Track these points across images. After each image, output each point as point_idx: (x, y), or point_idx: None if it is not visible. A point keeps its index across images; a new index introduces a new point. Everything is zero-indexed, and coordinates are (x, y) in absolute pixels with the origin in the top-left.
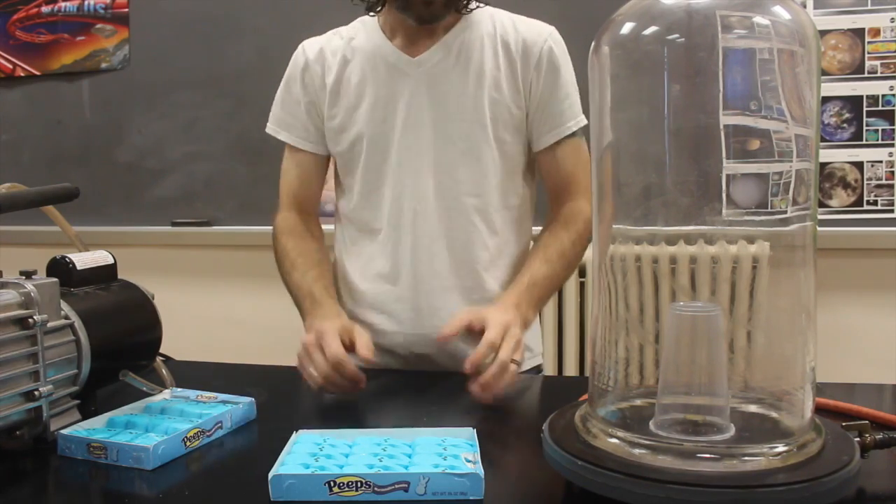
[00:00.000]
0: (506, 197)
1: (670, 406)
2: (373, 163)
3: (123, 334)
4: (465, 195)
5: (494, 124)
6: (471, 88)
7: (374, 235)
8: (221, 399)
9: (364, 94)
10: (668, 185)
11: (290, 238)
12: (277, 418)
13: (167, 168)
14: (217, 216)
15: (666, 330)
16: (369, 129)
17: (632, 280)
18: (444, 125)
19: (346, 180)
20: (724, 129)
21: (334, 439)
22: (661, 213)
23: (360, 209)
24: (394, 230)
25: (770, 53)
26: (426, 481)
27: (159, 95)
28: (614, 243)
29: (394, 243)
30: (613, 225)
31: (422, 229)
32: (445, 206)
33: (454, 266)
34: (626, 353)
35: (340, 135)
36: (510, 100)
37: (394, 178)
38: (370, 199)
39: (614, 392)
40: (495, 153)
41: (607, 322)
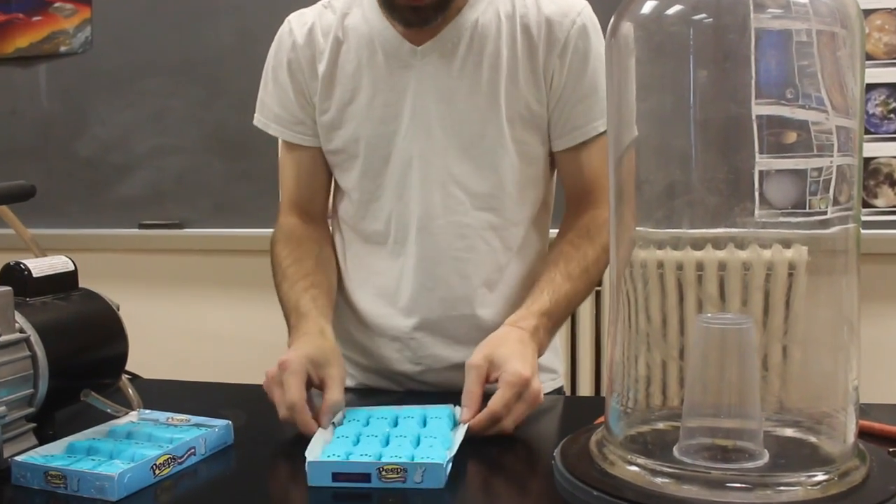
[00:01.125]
0: (524, 207)
1: (696, 430)
2: (371, 169)
3: (85, 349)
4: (477, 209)
5: (512, 124)
6: (484, 82)
7: (376, 248)
8: (195, 422)
9: (360, 87)
10: (694, 182)
11: (284, 246)
12: (257, 443)
13: (134, 163)
14: (190, 217)
15: (692, 344)
16: (367, 130)
17: (654, 288)
18: (453, 127)
19: (343, 182)
20: (756, 120)
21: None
22: (687, 213)
23: (361, 218)
24: (399, 246)
25: (808, 35)
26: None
27: (125, 82)
28: (634, 248)
29: (397, 260)
30: (634, 227)
31: (427, 248)
32: (455, 223)
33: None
34: (647, 370)
35: (333, 132)
36: (529, 94)
37: (395, 188)
38: (370, 208)
39: (634, 414)
40: (513, 157)
41: (626, 336)
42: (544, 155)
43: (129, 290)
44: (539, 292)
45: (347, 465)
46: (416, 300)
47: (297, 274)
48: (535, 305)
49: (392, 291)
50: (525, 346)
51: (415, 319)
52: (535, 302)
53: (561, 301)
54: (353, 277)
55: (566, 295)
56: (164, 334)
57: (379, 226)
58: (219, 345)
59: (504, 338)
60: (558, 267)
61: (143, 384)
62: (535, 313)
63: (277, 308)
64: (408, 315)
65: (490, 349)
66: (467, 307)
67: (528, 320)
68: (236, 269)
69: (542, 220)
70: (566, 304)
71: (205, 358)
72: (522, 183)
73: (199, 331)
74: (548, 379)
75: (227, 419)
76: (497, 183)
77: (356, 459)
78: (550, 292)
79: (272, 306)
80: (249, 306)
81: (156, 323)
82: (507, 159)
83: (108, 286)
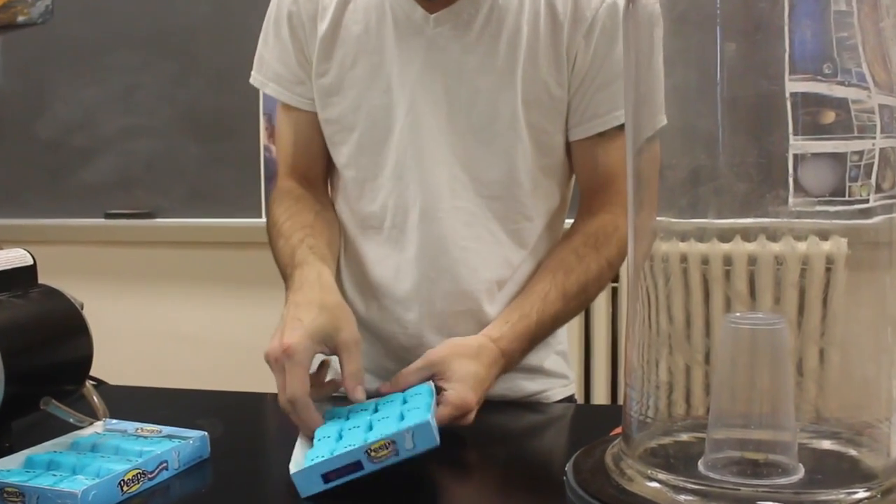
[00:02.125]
0: (537, 202)
1: (724, 442)
2: (369, 143)
3: (45, 353)
4: (484, 197)
5: (528, 108)
6: (501, 59)
7: (372, 233)
8: (167, 433)
9: (364, 52)
10: (721, 167)
11: (280, 204)
12: (236, 456)
13: (99, 147)
14: (162, 206)
15: (719, 347)
16: (367, 99)
17: (676, 285)
18: (462, 105)
19: (337, 158)
20: (790, 98)
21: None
22: (713, 202)
23: (356, 200)
24: (398, 232)
25: (848, 4)
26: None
27: (89, 56)
28: (655, 240)
29: (394, 249)
30: (654, 217)
31: (430, 235)
32: (461, 209)
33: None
34: (669, 375)
35: (330, 98)
36: (549, 76)
37: (396, 166)
38: (365, 188)
39: (654, 424)
40: (528, 145)
41: (646, 337)
42: (564, 146)
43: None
44: (529, 307)
45: (334, 460)
46: (416, 292)
47: (294, 227)
48: (520, 325)
49: (390, 282)
50: (490, 370)
51: (415, 313)
52: (521, 320)
53: (547, 322)
54: (347, 267)
55: (554, 316)
56: (133, 336)
57: (374, 208)
58: (194, 347)
59: (476, 353)
60: (556, 280)
61: (109, 391)
62: (518, 335)
63: (260, 307)
64: (407, 308)
65: (455, 357)
66: (473, 302)
67: (508, 342)
68: (214, 263)
69: (558, 220)
70: (551, 325)
71: (179, 362)
72: (537, 174)
73: (172, 332)
74: (558, 385)
75: (203, 430)
76: (508, 171)
77: (338, 452)
78: (539, 311)
79: (254, 305)
80: (229, 305)
81: (124, 323)
82: (520, 146)
83: (70, 282)
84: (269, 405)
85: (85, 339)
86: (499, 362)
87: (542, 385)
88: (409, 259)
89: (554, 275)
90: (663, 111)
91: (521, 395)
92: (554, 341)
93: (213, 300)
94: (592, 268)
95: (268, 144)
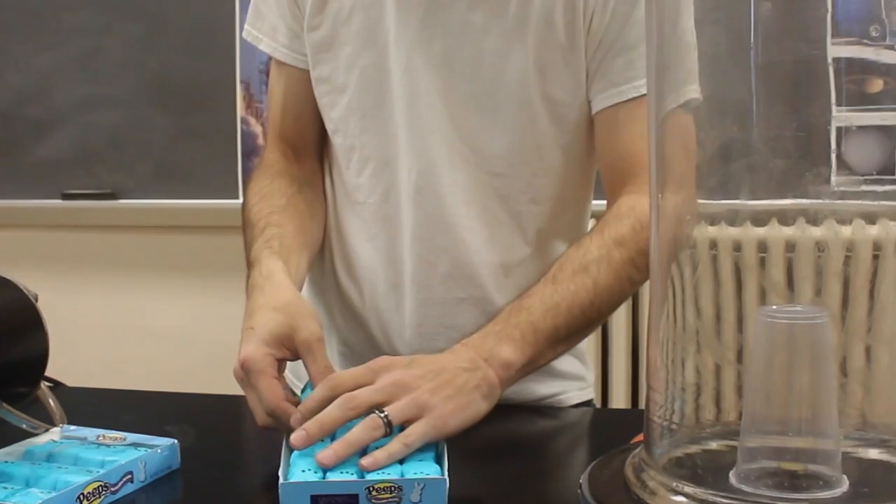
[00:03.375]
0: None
1: (759, 450)
2: (361, 106)
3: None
4: (487, 173)
5: (542, 74)
6: (511, 18)
7: (360, 210)
8: (132, 441)
9: (360, 4)
10: (755, 142)
11: (256, 182)
12: (209, 467)
13: (56, 118)
14: (126, 186)
15: (752, 344)
16: (361, 58)
17: (705, 274)
18: (466, 67)
19: (327, 121)
20: (833, 63)
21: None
22: (746, 181)
23: (344, 169)
24: (391, 207)
25: None
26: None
27: (45, 17)
28: (681, 224)
29: (386, 227)
30: (680, 198)
31: (427, 212)
32: (460, 184)
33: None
34: (696, 376)
35: (322, 54)
36: (566, 38)
37: (389, 134)
38: (353, 156)
39: (680, 431)
40: (541, 117)
41: (671, 334)
42: (586, 117)
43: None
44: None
45: (330, 485)
46: (413, 276)
47: (260, 213)
48: (528, 349)
49: (382, 264)
50: (474, 402)
51: (411, 300)
52: (492, 319)
53: (531, 305)
54: (337, 248)
55: (539, 299)
56: (94, 331)
57: (362, 180)
58: (163, 344)
59: (452, 378)
60: (544, 276)
61: (67, 393)
62: (484, 326)
63: (236, 299)
64: (401, 294)
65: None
66: (477, 288)
67: (472, 337)
68: (185, 250)
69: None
70: (541, 309)
71: (145, 361)
72: (550, 153)
73: (138, 327)
74: (574, 388)
75: (173, 437)
76: (513, 145)
77: (338, 477)
78: (516, 300)
79: (229, 297)
80: (202, 297)
81: (84, 317)
82: (529, 118)
83: (24, 271)
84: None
85: (40, 334)
86: (488, 396)
87: (554, 388)
88: (403, 239)
89: (545, 274)
90: (691, 80)
91: (532, 399)
92: None
93: (184, 291)
94: (592, 248)
95: (245, 116)
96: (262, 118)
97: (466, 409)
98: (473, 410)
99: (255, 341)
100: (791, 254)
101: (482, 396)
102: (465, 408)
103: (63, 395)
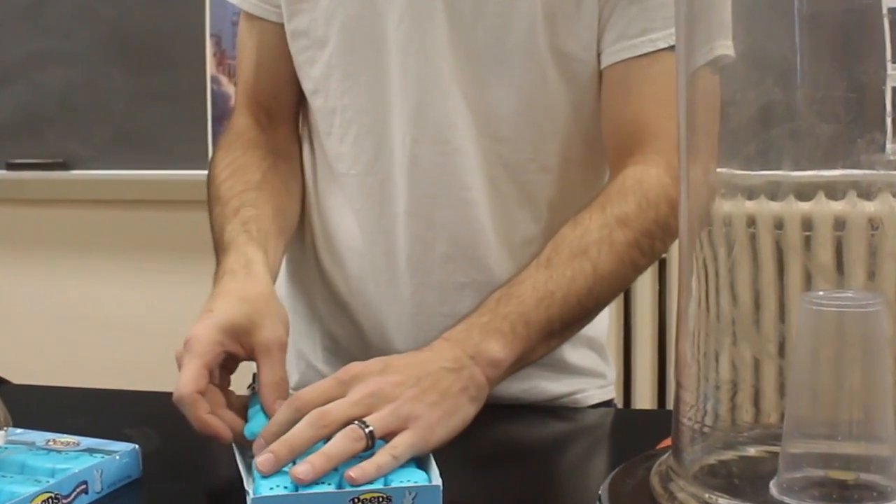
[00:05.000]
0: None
1: (803, 457)
2: (344, 63)
3: None
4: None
5: (550, 23)
6: None
7: (344, 183)
8: (86, 446)
9: None
10: (798, 104)
11: (226, 153)
12: (175, 476)
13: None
14: (79, 154)
15: (796, 336)
16: (345, 7)
17: (742, 256)
18: (464, 19)
19: (304, 81)
20: (888, 14)
21: None
22: (788, 149)
23: (324, 135)
24: (379, 179)
25: None
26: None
27: None
28: (713, 198)
29: (372, 201)
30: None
31: (421, 183)
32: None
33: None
34: (732, 372)
35: (298, 4)
36: None
37: (377, 95)
38: (335, 120)
39: (714, 435)
40: (550, 74)
41: (703, 324)
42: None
43: None
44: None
45: (310, 498)
46: (407, 257)
47: (233, 190)
48: (519, 344)
49: (370, 245)
50: (461, 406)
51: (406, 285)
52: (477, 307)
53: (522, 293)
54: (319, 229)
55: (532, 286)
56: (43, 321)
57: (345, 147)
58: (122, 336)
59: (436, 380)
60: (536, 259)
61: (12, 392)
62: (468, 317)
63: (202, 284)
64: (395, 278)
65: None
66: (480, 272)
67: (453, 329)
68: (146, 228)
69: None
70: (534, 299)
71: (102, 354)
72: (561, 114)
73: (93, 316)
74: (593, 386)
75: (133, 442)
76: (521, 105)
77: (316, 489)
78: (505, 287)
79: (196, 281)
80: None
81: (32, 305)
82: (538, 73)
83: None
84: None
85: None
86: (475, 396)
87: (570, 386)
88: (395, 215)
89: (536, 257)
90: (726, 33)
91: (545, 399)
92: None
93: (146, 275)
94: (592, 228)
95: (216, 74)
96: (234, 77)
97: (453, 415)
98: (461, 416)
99: (209, 324)
100: (840, 232)
101: (469, 399)
102: (452, 414)
103: (7, 394)
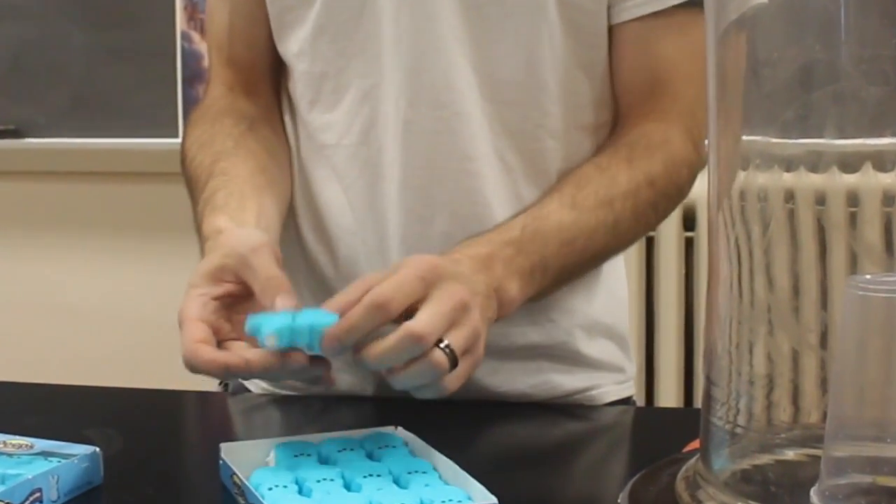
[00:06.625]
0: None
1: (848, 461)
2: (332, 24)
3: None
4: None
5: None
6: None
7: (331, 154)
8: (41, 449)
9: None
10: (843, 63)
11: (196, 126)
12: (140, 482)
13: None
14: (34, 121)
15: (840, 325)
16: None
17: (779, 235)
18: None
19: (287, 44)
20: None
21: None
22: (832, 114)
23: (310, 102)
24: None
25: None
26: None
27: None
28: (747, 169)
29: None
30: (745, 137)
31: (416, 155)
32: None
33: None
34: (767, 366)
35: None
36: None
37: (368, 59)
38: (323, 86)
39: (747, 436)
40: (557, 28)
41: (735, 311)
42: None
43: None
44: (509, 220)
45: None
46: (402, 236)
47: (202, 165)
48: (498, 235)
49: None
50: (469, 273)
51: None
52: (499, 231)
53: (547, 234)
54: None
55: (556, 227)
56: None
57: (335, 116)
58: (82, 324)
59: (428, 263)
60: (559, 193)
61: None
62: (492, 241)
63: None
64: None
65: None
66: None
67: (479, 247)
68: (110, 203)
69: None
70: (557, 242)
71: (59, 346)
72: (570, 73)
73: (49, 302)
74: (611, 381)
75: (94, 444)
76: (528, 64)
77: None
78: (530, 219)
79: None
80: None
81: None
82: (546, 30)
83: None
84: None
85: None
86: (480, 274)
87: (586, 381)
88: (388, 189)
89: (557, 190)
90: None
91: (558, 395)
92: (602, 318)
93: (109, 256)
94: (621, 180)
95: (187, 31)
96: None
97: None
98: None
99: (189, 292)
100: (890, 208)
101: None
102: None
103: None
